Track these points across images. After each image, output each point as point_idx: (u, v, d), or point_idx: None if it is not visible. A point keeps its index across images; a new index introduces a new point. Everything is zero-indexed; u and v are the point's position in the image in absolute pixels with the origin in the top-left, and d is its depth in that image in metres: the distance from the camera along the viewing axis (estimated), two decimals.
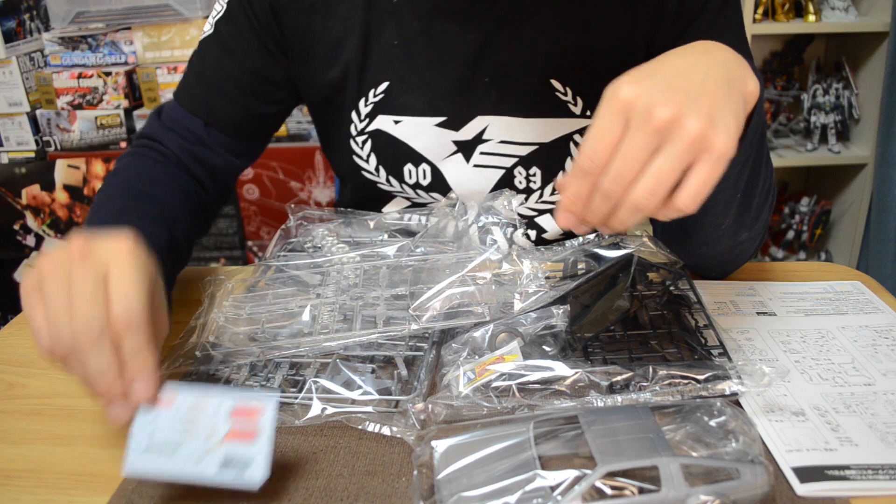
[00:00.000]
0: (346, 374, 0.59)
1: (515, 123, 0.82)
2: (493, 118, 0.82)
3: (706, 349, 0.61)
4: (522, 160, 0.84)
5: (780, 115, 2.11)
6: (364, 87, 0.82)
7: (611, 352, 0.61)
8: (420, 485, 0.48)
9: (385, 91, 0.82)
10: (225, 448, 0.48)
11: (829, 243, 2.25)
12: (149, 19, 1.75)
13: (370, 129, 0.84)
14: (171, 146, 0.82)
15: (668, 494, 0.45)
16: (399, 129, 0.83)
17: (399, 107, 0.82)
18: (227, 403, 0.50)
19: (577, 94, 0.80)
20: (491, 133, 0.83)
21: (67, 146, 1.81)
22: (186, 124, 0.83)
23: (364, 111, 0.83)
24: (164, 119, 0.84)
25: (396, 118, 0.83)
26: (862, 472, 0.49)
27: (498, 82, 0.80)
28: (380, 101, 0.82)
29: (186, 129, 0.83)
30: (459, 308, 0.63)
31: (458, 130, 0.83)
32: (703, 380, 0.55)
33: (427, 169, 0.85)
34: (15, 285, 1.89)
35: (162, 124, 0.84)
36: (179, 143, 0.82)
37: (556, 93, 0.80)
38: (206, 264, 1.87)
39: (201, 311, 0.65)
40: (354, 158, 0.86)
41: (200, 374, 0.61)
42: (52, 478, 0.53)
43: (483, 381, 0.57)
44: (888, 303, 0.71)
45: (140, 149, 0.83)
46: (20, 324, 0.74)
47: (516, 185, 0.86)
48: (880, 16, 1.91)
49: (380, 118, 0.83)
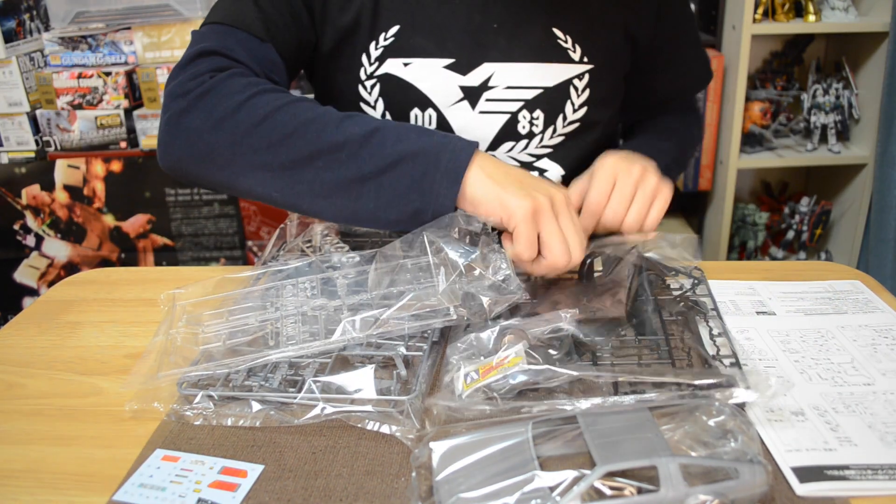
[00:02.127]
0: (345, 374, 0.59)
1: (520, 69, 0.86)
2: (500, 65, 0.86)
3: (718, 357, 0.60)
4: (528, 104, 0.88)
5: (780, 115, 2.11)
6: (375, 31, 0.84)
7: (619, 357, 0.61)
8: (419, 486, 0.48)
9: (396, 34, 0.84)
10: (206, 493, 0.51)
11: (829, 243, 2.25)
12: (149, 19, 1.75)
13: (379, 72, 0.85)
14: (254, 68, 0.76)
15: (667, 494, 0.45)
16: (408, 72, 0.85)
17: (409, 49, 0.84)
18: (219, 464, 0.53)
19: (576, 42, 0.86)
20: (497, 80, 0.86)
21: (67, 146, 1.81)
22: (258, 50, 0.78)
23: (374, 54, 0.85)
24: (231, 39, 0.77)
25: (406, 60, 0.85)
26: (861, 471, 0.49)
27: (506, 29, 0.85)
28: (390, 45, 0.84)
29: (262, 55, 0.78)
30: (425, 311, 0.63)
31: (465, 75, 0.86)
32: (707, 386, 0.55)
33: (433, 115, 0.87)
34: (15, 285, 1.89)
35: (234, 42, 0.76)
36: (260, 68, 0.77)
37: (558, 40, 0.86)
38: (206, 264, 1.87)
39: (160, 329, 0.66)
40: (362, 105, 0.88)
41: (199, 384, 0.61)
42: (51, 478, 0.53)
43: (485, 382, 0.57)
44: (888, 302, 0.71)
45: (233, 66, 0.75)
46: (20, 324, 0.74)
47: (519, 129, 0.89)
48: (880, 16, 1.91)
49: (389, 61, 0.85)
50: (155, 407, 0.59)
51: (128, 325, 0.73)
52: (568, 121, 0.90)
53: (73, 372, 0.66)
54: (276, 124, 0.69)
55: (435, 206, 0.68)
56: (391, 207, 0.69)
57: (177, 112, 0.71)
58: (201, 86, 0.71)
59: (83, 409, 0.60)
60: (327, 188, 0.69)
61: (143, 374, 0.61)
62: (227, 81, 0.71)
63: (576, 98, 0.89)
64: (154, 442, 0.56)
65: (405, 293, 0.63)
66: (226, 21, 0.78)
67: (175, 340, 0.64)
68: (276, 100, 0.71)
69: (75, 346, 0.70)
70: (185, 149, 0.71)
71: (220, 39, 0.76)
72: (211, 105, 0.70)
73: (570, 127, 0.90)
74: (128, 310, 0.76)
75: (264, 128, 0.69)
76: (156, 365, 0.61)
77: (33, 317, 0.76)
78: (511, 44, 0.85)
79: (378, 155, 0.68)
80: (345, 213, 0.70)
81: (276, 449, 0.54)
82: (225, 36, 0.77)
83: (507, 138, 0.89)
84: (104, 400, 0.61)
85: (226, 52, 0.75)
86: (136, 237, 1.85)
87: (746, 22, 1.87)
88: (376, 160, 0.68)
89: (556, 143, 0.91)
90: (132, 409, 0.59)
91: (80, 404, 0.61)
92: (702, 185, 2.15)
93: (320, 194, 0.69)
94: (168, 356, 0.62)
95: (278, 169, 0.69)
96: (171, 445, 0.55)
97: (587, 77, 0.88)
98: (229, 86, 0.71)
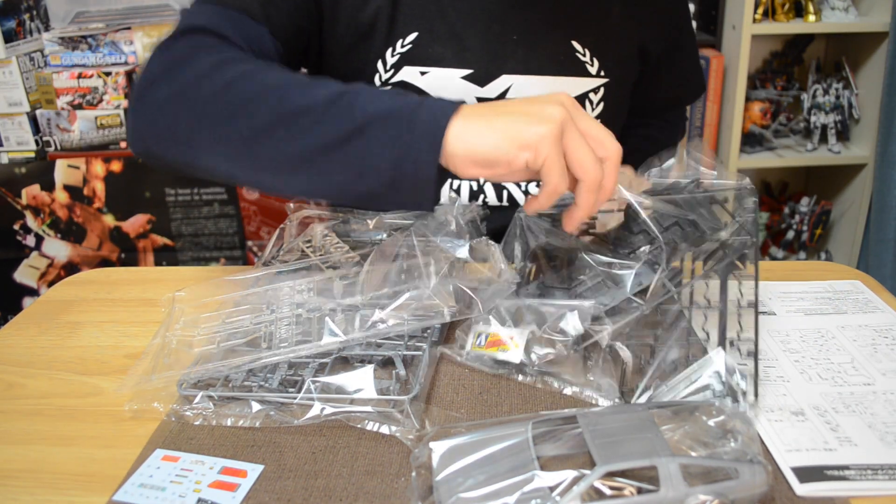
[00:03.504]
0: (344, 374, 0.59)
1: (538, 82, 0.85)
2: (518, 77, 0.85)
3: (737, 342, 0.58)
4: None
5: (780, 115, 2.11)
6: (393, 37, 0.82)
7: (635, 354, 0.60)
8: (418, 486, 0.48)
9: (413, 42, 0.82)
10: (206, 493, 0.51)
11: (829, 243, 2.25)
12: (149, 19, 1.75)
13: (395, 80, 0.84)
14: (243, 47, 0.70)
15: (667, 494, 0.45)
16: (425, 81, 0.84)
17: (427, 58, 0.83)
18: (219, 464, 0.53)
19: (594, 55, 0.86)
20: (514, 92, 0.85)
21: (67, 146, 1.81)
22: (251, 30, 0.72)
23: (390, 61, 0.84)
24: (221, 16, 0.71)
25: (423, 69, 0.83)
26: (861, 472, 0.49)
27: (525, 41, 0.84)
28: (407, 52, 0.83)
29: (254, 36, 0.72)
30: (419, 312, 0.63)
31: (482, 87, 0.85)
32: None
33: None
34: (15, 285, 1.89)
35: (224, 19, 0.71)
36: (250, 48, 0.72)
37: (577, 53, 0.85)
38: (206, 264, 1.87)
39: (159, 331, 0.66)
40: None
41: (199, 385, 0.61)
42: (51, 478, 0.53)
43: (487, 353, 0.59)
44: (888, 302, 0.71)
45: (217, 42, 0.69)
46: (20, 324, 0.74)
47: None
48: (880, 16, 1.91)
49: (406, 69, 0.84)
50: (155, 407, 0.59)
51: (128, 326, 0.73)
52: None
53: (73, 372, 0.66)
54: (238, 92, 0.61)
55: (414, 173, 0.57)
56: (362, 179, 0.59)
57: (143, 85, 0.65)
58: (173, 58, 0.65)
59: (83, 409, 0.60)
60: (291, 161, 0.60)
61: (137, 376, 0.61)
62: (202, 53, 0.65)
63: (590, 111, 0.89)
64: (154, 442, 0.56)
65: (398, 294, 0.63)
66: (223, 2, 0.73)
67: (171, 343, 0.64)
68: (245, 67, 0.63)
69: (75, 346, 0.70)
70: (149, 126, 0.65)
71: (209, 17, 0.70)
72: (177, 76, 0.63)
73: None
74: (128, 310, 0.76)
75: (225, 97, 0.61)
76: (151, 367, 0.61)
77: (33, 317, 0.76)
78: (529, 56, 0.84)
79: (345, 119, 0.58)
80: (313, 188, 0.62)
81: (275, 449, 0.54)
82: (216, 14, 0.71)
83: None
84: (104, 400, 0.61)
85: (213, 30, 0.69)
86: (136, 237, 1.85)
87: (746, 22, 1.87)
88: (342, 126, 0.58)
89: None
90: (132, 409, 0.59)
91: (80, 404, 0.61)
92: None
93: (285, 168, 0.61)
94: (163, 358, 0.62)
95: (238, 141, 0.61)
96: (171, 445, 0.55)
97: (602, 91, 0.88)
98: (202, 57, 0.64)
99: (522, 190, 0.92)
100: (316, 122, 0.59)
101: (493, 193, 0.92)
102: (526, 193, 0.92)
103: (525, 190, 0.92)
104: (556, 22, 0.84)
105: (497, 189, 0.92)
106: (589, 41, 0.85)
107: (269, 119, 0.60)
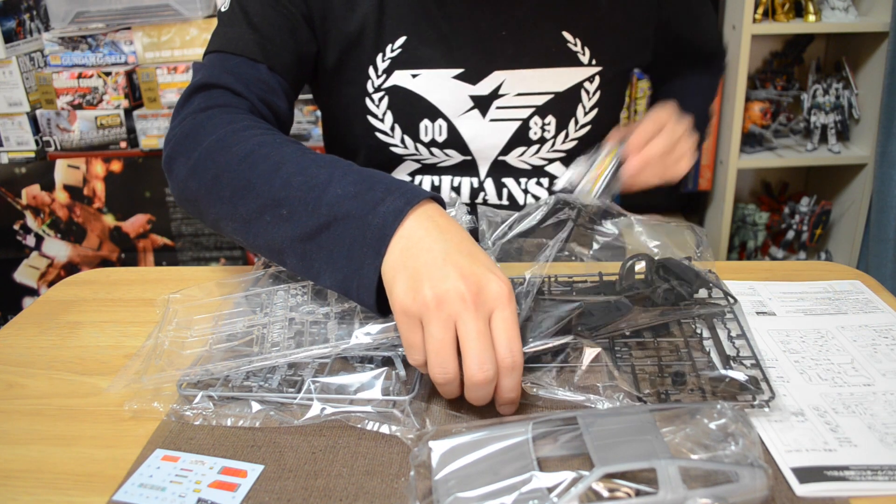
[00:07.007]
0: (344, 375, 0.59)
1: (530, 75, 0.85)
2: (510, 73, 0.85)
3: (738, 359, 0.60)
4: (539, 110, 0.87)
5: (780, 115, 2.11)
6: (382, 43, 0.83)
7: (639, 359, 0.61)
8: (417, 485, 0.48)
9: (403, 45, 0.83)
10: (206, 493, 0.51)
11: (829, 243, 2.25)
12: (149, 19, 1.75)
13: (387, 84, 0.85)
14: (244, 93, 0.77)
15: (666, 497, 0.45)
16: (417, 83, 0.84)
17: (417, 60, 0.84)
18: (219, 464, 0.53)
19: (586, 44, 0.86)
20: (507, 88, 0.86)
21: (67, 146, 1.81)
22: (251, 72, 0.79)
23: (382, 67, 0.84)
24: (222, 68, 0.78)
25: (414, 72, 0.84)
26: (861, 472, 0.49)
27: (515, 35, 0.84)
28: (397, 56, 0.84)
29: (253, 78, 0.79)
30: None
31: (475, 84, 0.85)
32: (726, 383, 0.56)
33: (443, 125, 0.87)
34: (15, 285, 1.89)
35: (224, 72, 0.78)
36: (251, 91, 0.78)
37: (568, 44, 0.85)
38: (206, 264, 1.87)
39: (153, 332, 0.66)
40: (369, 119, 0.87)
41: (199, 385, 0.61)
42: (51, 478, 0.53)
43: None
44: (888, 302, 0.71)
45: (222, 98, 0.76)
46: (20, 324, 0.74)
47: (531, 136, 0.89)
48: (880, 16, 1.91)
49: (397, 73, 0.84)
50: (155, 407, 0.59)
51: (128, 325, 0.73)
52: (580, 124, 0.90)
53: (73, 372, 0.66)
54: (235, 175, 0.66)
55: (358, 280, 0.58)
56: (325, 272, 0.60)
57: (170, 156, 0.73)
58: (184, 132, 0.72)
59: (83, 409, 0.60)
60: (279, 244, 0.63)
61: (128, 377, 0.61)
62: (206, 123, 0.72)
63: (587, 101, 0.89)
64: (154, 442, 0.56)
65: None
66: (221, 48, 0.80)
67: (163, 344, 0.64)
68: (242, 145, 0.67)
69: (75, 346, 0.70)
70: (180, 200, 0.73)
71: (213, 70, 0.78)
72: (191, 153, 0.70)
73: (581, 130, 0.90)
74: (128, 310, 0.76)
75: (226, 179, 0.66)
76: (142, 368, 0.62)
77: (33, 317, 0.76)
78: (520, 50, 0.84)
79: (314, 214, 0.60)
80: (299, 271, 0.63)
81: (275, 449, 0.54)
82: (219, 65, 0.78)
83: (518, 144, 0.89)
84: (104, 400, 0.61)
85: (218, 83, 0.76)
86: (136, 237, 1.85)
87: (746, 22, 1.87)
88: (313, 220, 0.60)
89: (569, 147, 0.91)
90: (132, 409, 0.59)
91: (80, 404, 0.61)
92: (702, 185, 2.15)
93: (275, 249, 0.64)
94: (154, 359, 0.62)
95: (240, 221, 0.65)
96: (171, 445, 0.55)
97: (597, 79, 0.88)
98: (209, 129, 0.71)
99: (522, 189, 0.92)
100: (293, 213, 0.62)
101: (493, 192, 0.92)
102: (525, 192, 0.93)
103: (525, 189, 0.93)
104: (546, 14, 0.84)
105: (497, 187, 0.92)
106: (580, 31, 0.85)
107: (258, 205, 0.64)
